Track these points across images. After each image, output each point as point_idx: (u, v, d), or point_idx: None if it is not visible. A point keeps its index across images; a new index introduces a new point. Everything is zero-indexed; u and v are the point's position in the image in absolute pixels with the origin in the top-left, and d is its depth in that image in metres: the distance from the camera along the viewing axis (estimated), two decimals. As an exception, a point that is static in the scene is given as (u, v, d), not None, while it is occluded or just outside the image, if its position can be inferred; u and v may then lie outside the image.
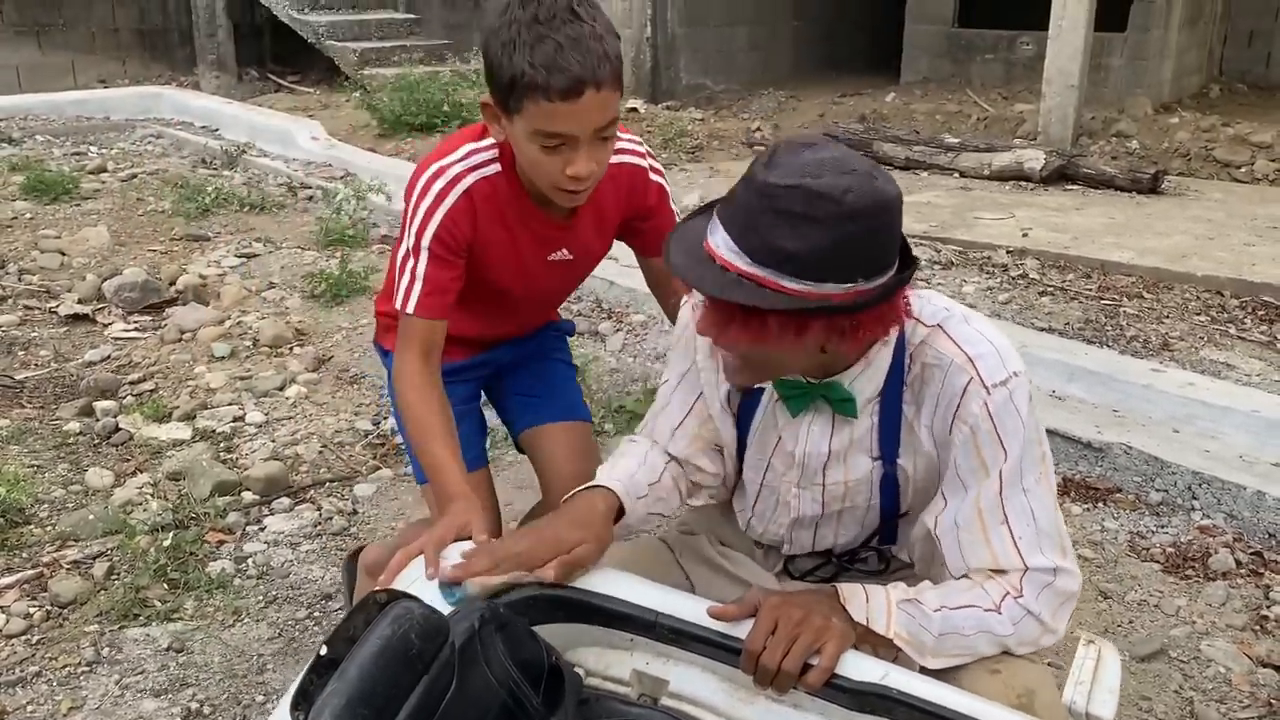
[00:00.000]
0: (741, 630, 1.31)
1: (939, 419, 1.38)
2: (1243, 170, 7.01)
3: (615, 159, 1.69)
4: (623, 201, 1.80)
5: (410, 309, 1.68)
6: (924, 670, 1.33)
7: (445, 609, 1.28)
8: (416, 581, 1.36)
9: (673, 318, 1.84)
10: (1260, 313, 4.36)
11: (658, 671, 1.36)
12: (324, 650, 1.13)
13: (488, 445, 2.25)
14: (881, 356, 1.38)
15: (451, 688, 1.19)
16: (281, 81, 10.30)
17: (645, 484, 1.56)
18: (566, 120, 1.47)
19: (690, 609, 1.36)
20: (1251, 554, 2.67)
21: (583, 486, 1.50)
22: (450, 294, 1.71)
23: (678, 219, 1.85)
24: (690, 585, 1.64)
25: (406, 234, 1.69)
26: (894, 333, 1.36)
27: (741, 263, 1.22)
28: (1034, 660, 1.41)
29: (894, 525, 1.54)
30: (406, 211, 1.70)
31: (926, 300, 1.41)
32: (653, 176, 1.82)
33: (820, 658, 1.24)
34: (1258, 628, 2.40)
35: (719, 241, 1.25)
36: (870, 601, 1.33)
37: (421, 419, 1.66)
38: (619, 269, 4.81)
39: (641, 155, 1.81)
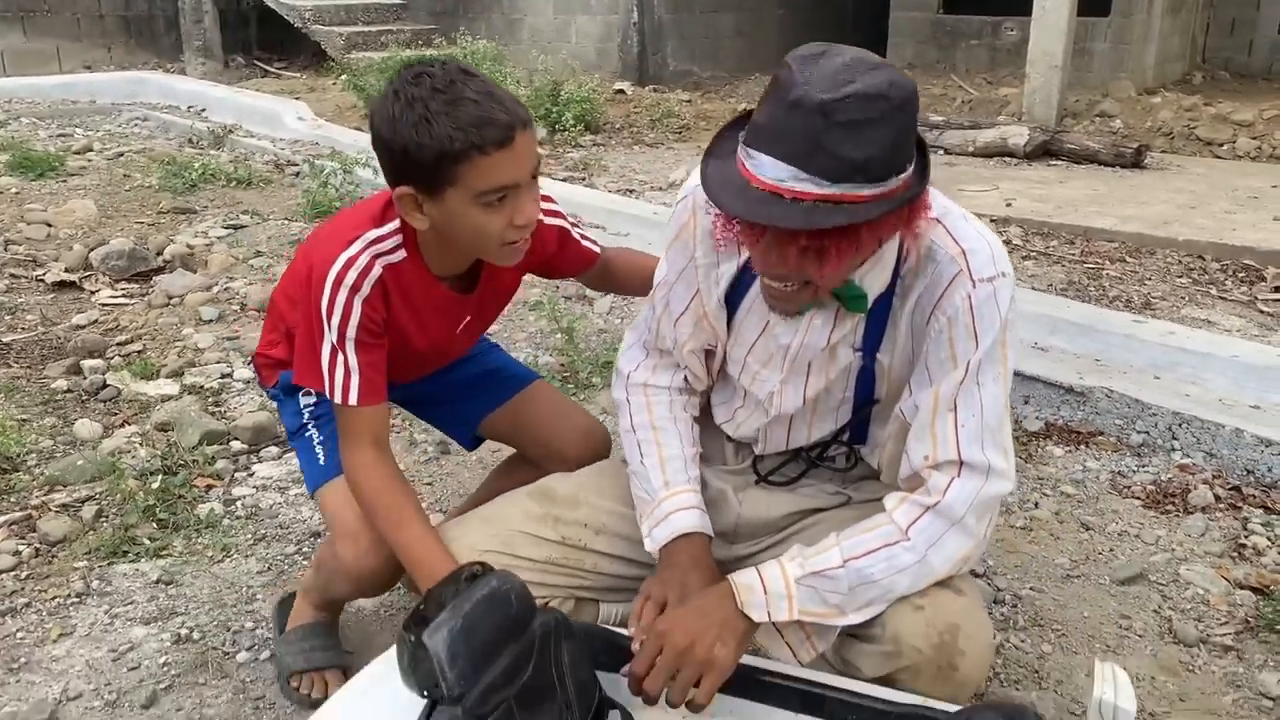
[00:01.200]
0: (778, 665, 1.41)
1: (920, 309, 1.40)
2: (1224, 148, 7.07)
3: None
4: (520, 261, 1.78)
5: (353, 401, 1.64)
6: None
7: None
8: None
9: (641, 291, 1.89)
10: (1240, 274, 4.41)
11: None
12: (421, 606, 1.21)
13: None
14: (889, 252, 1.40)
15: (529, 668, 1.25)
16: (268, 67, 10.28)
17: (694, 454, 1.62)
18: (506, 169, 1.46)
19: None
20: (1230, 489, 2.70)
21: (668, 538, 1.54)
22: (382, 373, 1.69)
23: (588, 242, 1.94)
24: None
25: (326, 330, 1.63)
26: (922, 221, 1.35)
27: (816, 187, 1.18)
28: (960, 592, 1.43)
29: (866, 419, 1.56)
30: (321, 306, 1.63)
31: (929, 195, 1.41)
32: (548, 220, 1.81)
33: (699, 692, 1.32)
34: (1235, 554, 2.43)
35: (780, 174, 1.19)
36: (769, 592, 1.36)
37: (391, 510, 1.63)
38: (604, 236, 4.84)
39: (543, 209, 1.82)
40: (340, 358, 1.64)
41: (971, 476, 1.38)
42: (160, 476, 2.78)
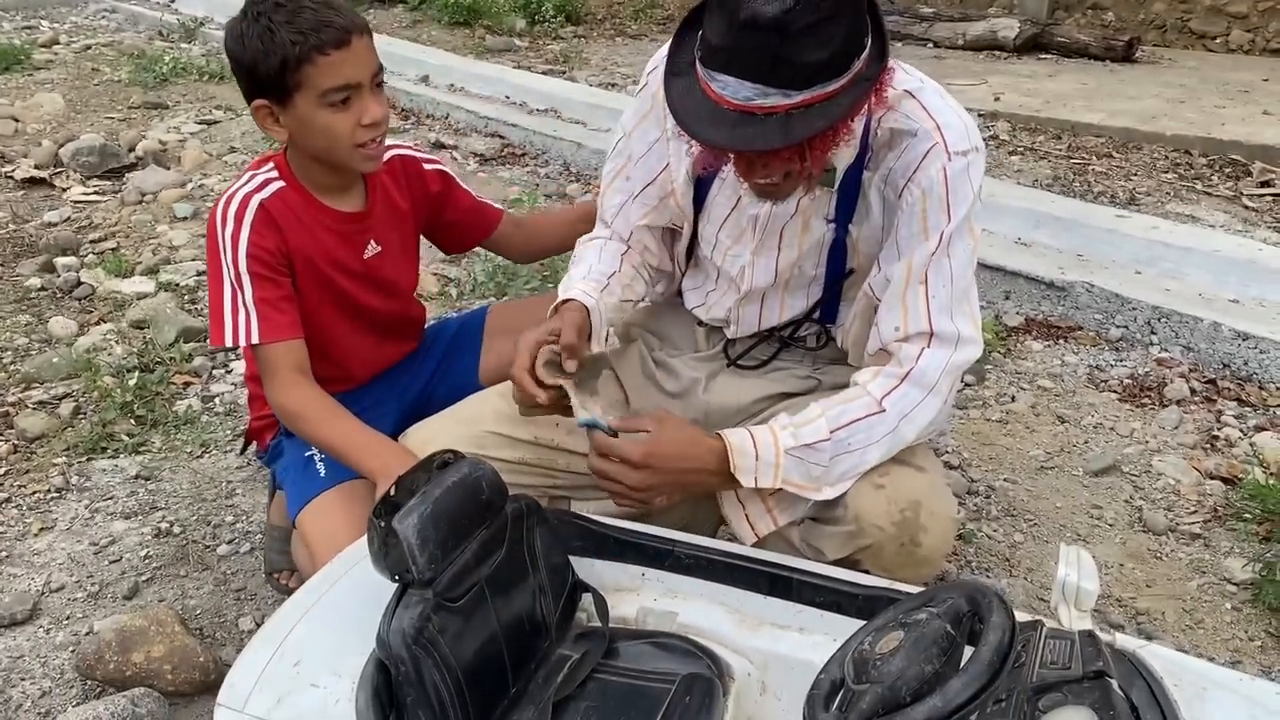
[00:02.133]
0: (752, 551, 1.42)
1: (892, 182, 1.40)
2: (1218, 40, 6.96)
3: (388, 154, 1.80)
4: (404, 189, 1.87)
5: (255, 338, 1.64)
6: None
7: None
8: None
9: (563, 245, 1.94)
10: (1227, 170, 4.37)
11: (665, 607, 1.39)
12: (392, 491, 1.20)
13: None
14: (858, 125, 1.38)
15: (501, 552, 1.25)
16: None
17: (605, 275, 1.57)
18: (346, 68, 1.57)
19: (704, 540, 1.42)
20: (1205, 382, 2.72)
21: (554, 302, 1.54)
22: (288, 311, 1.68)
23: (477, 197, 1.98)
24: (626, 398, 1.67)
25: (224, 272, 1.66)
26: (889, 90, 1.34)
27: (785, 99, 1.18)
28: (921, 469, 1.44)
29: (836, 295, 1.55)
30: (216, 253, 1.67)
31: (898, 68, 1.40)
32: (427, 166, 1.91)
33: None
34: (1208, 446, 2.46)
35: (748, 93, 1.18)
36: (760, 459, 1.37)
37: (320, 409, 1.64)
38: (585, 132, 4.76)
39: (411, 148, 1.92)
40: (240, 298, 1.65)
41: (942, 345, 1.40)
42: (137, 374, 2.77)
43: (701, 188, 1.54)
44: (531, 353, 1.44)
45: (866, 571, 1.40)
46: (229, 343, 1.65)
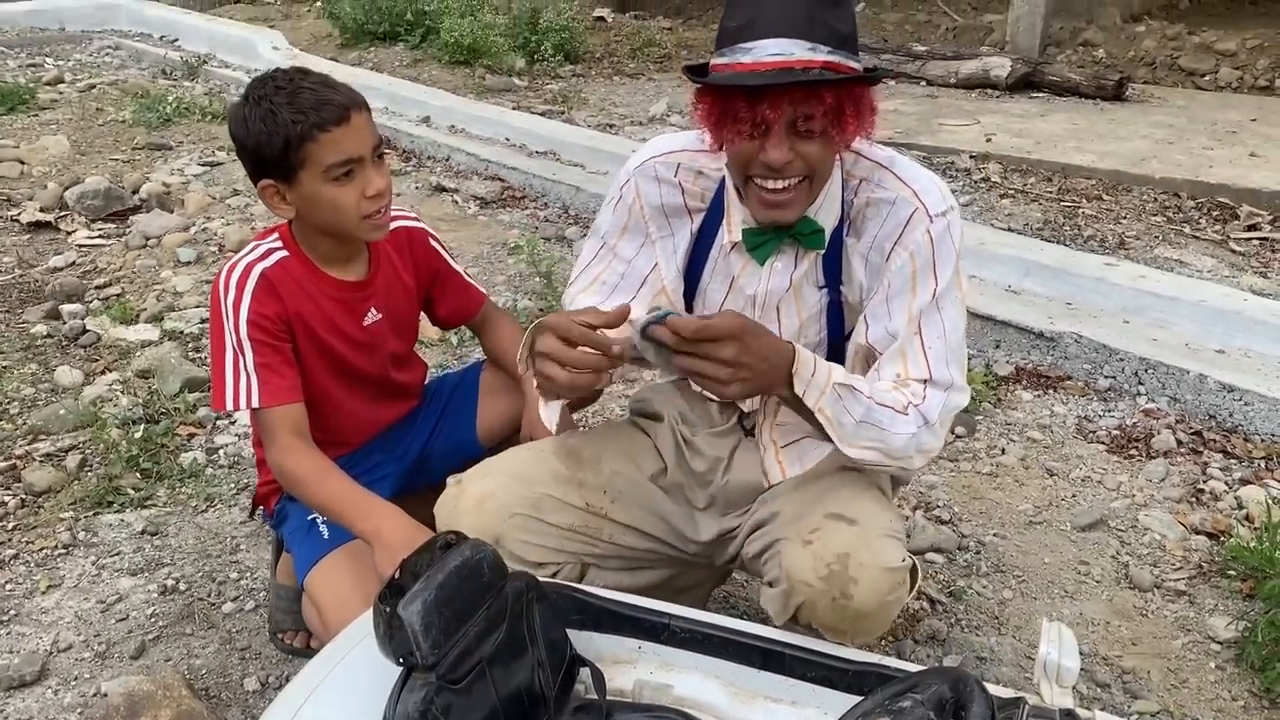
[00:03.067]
0: (746, 625, 1.45)
1: (877, 248, 1.51)
2: (1206, 78, 7.05)
3: (395, 224, 1.87)
4: (409, 260, 1.94)
5: (255, 402, 1.70)
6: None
7: None
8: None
9: (507, 368, 1.98)
10: (1215, 213, 4.44)
11: (661, 680, 1.44)
12: (396, 575, 1.25)
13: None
14: (833, 191, 1.51)
15: (502, 630, 1.30)
16: (241, -8, 10.08)
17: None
18: (348, 143, 1.64)
19: (699, 614, 1.47)
20: (1192, 434, 2.77)
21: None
22: (289, 376, 1.74)
23: (465, 277, 2.06)
24: (664, 466, 1.73)
25: (226, 338, 1.73)
26: (857, 154, 1.53)
27: (817, 55, 1.33)
28: (851, 522, 1.46)
29: (841, 356, 1.60)
30: (219, 320, 1.73)
31: (870, 145, 1.53)
32: (432, 243, 2.00)
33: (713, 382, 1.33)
34: (1194, 499, 2.51)
35: (787, 49, 1.33)
36: (815, 376, 1.40)
37: (316, 471, 1.70)
38: (584, 175, 4.83)
39: (417, 219, 2.00)
40: (241, 363, 1.71)
41: (937, 390, 1.49)
42: (143, 425, 2.81)
43: (692, 280, 1.61)
44: (575, 322, 1.38)
45: (821, 636, 1.44)
46: (230, 407, 1.72)
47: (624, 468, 1.69)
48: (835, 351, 1.62)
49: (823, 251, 1.54)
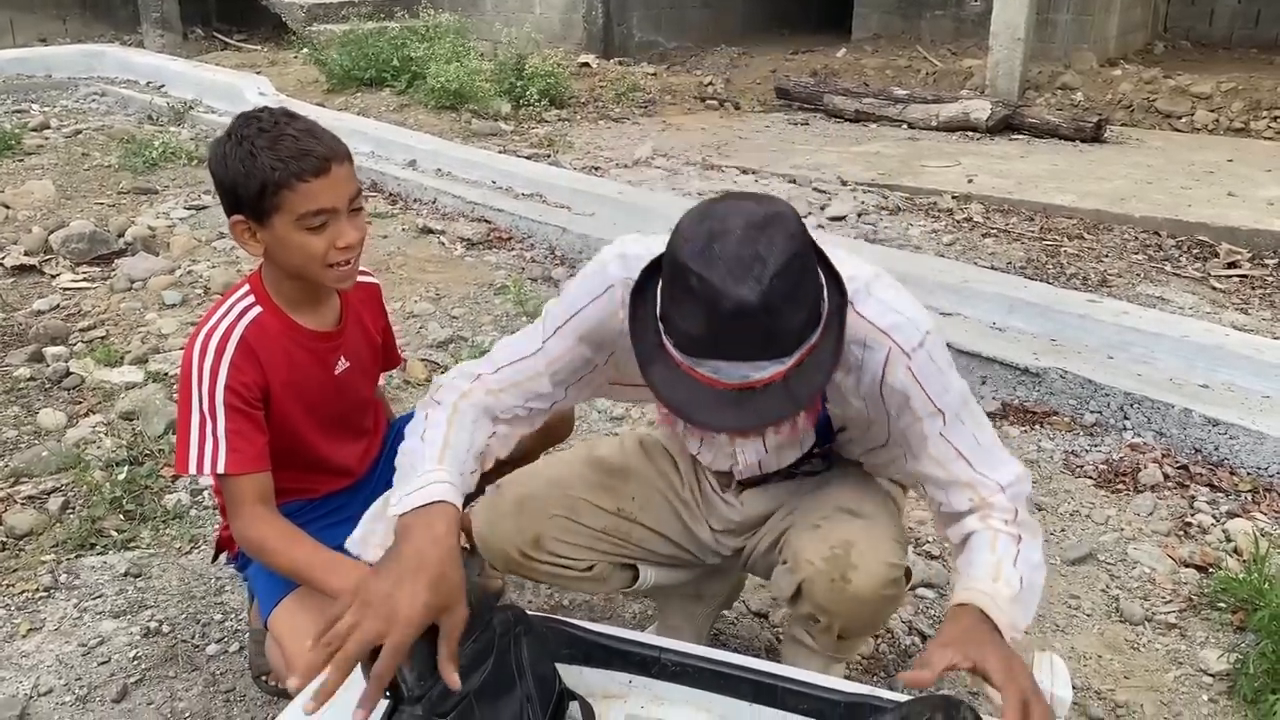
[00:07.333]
0: (737, 658, 1.47)
1: (866, 386, 1.44)
2: (1183, 120, 7.17)
3: (361, 279, 1.86)
4: (372, 313, 1.96)
5: (221, 468, 1.66)
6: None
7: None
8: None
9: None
10: (1194, 251, 4.50)
11: (652, 714, 1.44)
12: None
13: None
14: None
15: (489, 664, 1.29)
16: (228, 40, 10.15)
17: (477, 456, 1.50)
18: (324, 196, 1.62)
19: (691, 647, 1.48)
20: (1178, 468, 2.78)
21: (414, 505, 1.35)
22: (259, 442, 1.71)
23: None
24: (684, 482, 1.78)
25: (195, 402, 1.68)
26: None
27: (780, 365, 1.22)
28: (858, 515, 1.57)
29: (827, 442, 1.64)
30: (189, 383, 1.69)
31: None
32: (385, 302, 2.02)
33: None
34: (1182, 533, 2.51)
35: (744, 372, 1.22)
36: (1011, 621, 1.35)
37: (281, 538, 1.67)
38: (570, 216, 4.86)
39: (372, 274, 1.99)
40: (209, 427, 1.67)
41: (1018, 490, 1.46)
42: (126, 467, 2.79)
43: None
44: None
45: (816, 620, 1.55)
46: (193, 470, 1.68)
47: (650, 476, 1.78)
48: (823, 440, 1.63)
49: None
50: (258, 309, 1.76)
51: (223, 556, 2.06)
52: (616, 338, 1.46)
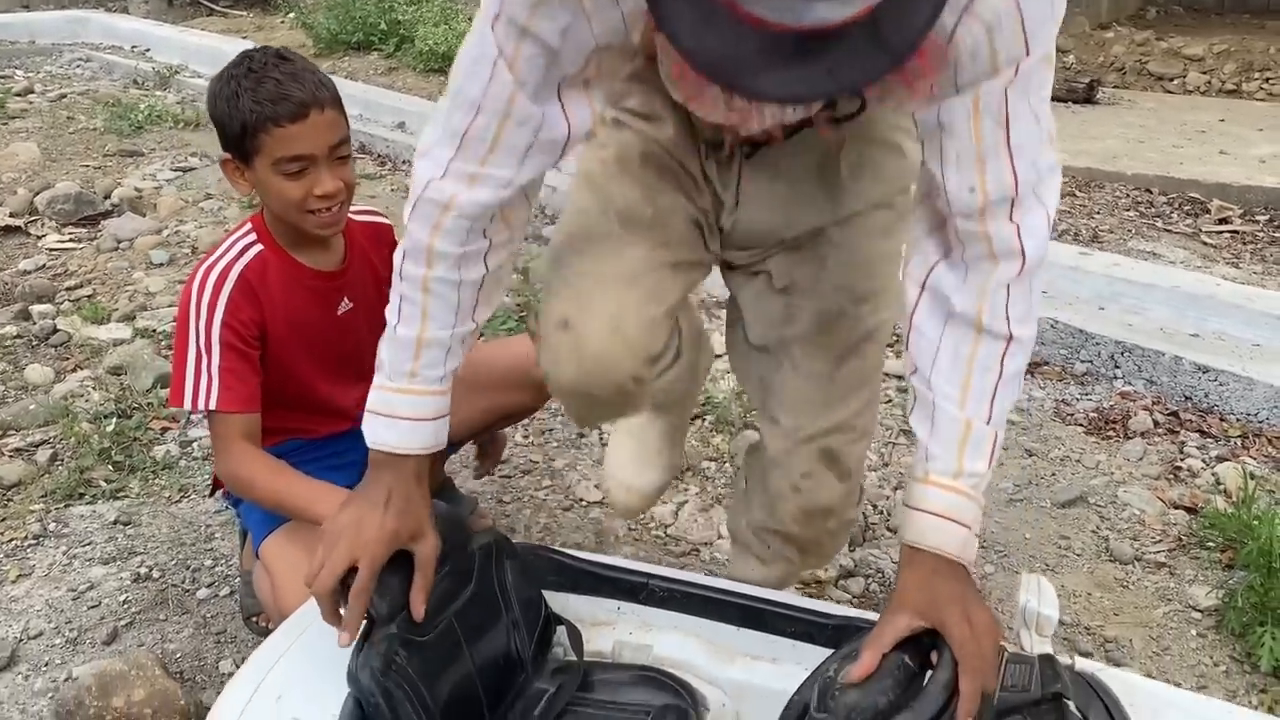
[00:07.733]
0: (725, 583, 1.48)
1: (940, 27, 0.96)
2: (1175, 83, 7.13)
3: (368, 218, 1.91)
4: (383, 253, 1.89)
5: (213, 404, 1.67)
6: None
7: None
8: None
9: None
10: (1186, 207, 4.49)
11: (640, 640, 1.44)
12: None
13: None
14: None
15: (469, 589, 1.28)
16: (214, 5, 10.02)
17: (463, 335, 1.38)
18: (301, 141, 1.61)
19: (678, 573, 1.47)
20: (1168, 414, 2.78)
21: (385, 445, 1.33)
22: (251, 383, 1.72)
23: None
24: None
25: (192, 337, 1.69)
26: None
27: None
28: (845, 476, 1.55)
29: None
30: (186, 318, 1.70)
31: None
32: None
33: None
34: (1172, 476, 2.52)
35: (815, 9, 0.77)
36: (972, 530, 1.22)
37: (268, 471, 1.68)
38: (557, 175, 4.82)
39: (384, 216, 1.99)
40: (205, 363, 1.68)
41: (1035, 204, 1.14)
42: (114, 420, 2.78)
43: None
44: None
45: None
46: (187, 406, 1.69)
47: (668, 197, 1.48)
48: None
49: None
50: (259, 247, 1.76)
51: (219, 492, 2.06)
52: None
